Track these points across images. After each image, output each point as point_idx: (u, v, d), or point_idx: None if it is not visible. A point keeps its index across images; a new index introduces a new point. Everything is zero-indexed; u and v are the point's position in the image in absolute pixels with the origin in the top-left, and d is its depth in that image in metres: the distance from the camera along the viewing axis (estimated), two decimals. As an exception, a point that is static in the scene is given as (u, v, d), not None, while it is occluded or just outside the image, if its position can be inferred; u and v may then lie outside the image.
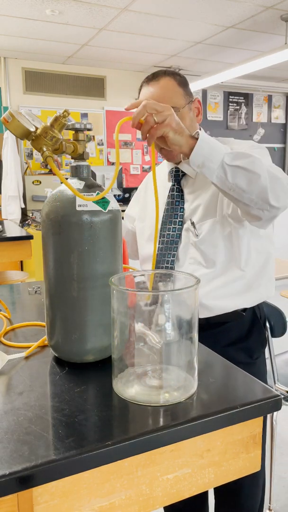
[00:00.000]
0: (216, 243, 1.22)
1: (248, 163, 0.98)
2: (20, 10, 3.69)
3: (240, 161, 0.98)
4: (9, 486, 0.58)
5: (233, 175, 0.99)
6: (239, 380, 0.84)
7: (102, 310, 0.89)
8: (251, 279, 1.24)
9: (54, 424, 0.69)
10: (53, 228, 0.87)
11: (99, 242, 0.87)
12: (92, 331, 0.88)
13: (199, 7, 3.64)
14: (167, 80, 1.21)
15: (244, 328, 1.28)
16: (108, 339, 0.90)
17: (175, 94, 1.21)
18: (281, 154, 7.19)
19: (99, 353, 0.90)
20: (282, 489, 1.92)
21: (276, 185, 1.00)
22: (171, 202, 1.31)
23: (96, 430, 0.67)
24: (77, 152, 0.94)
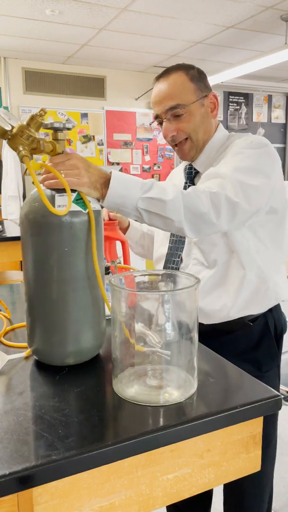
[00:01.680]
0: (216, 242, 1.19)
1: (161, 210, 0.96)
2: (20, 10, 3.69)
3: (154, 207, 0.96)
4: (9, 486, 0.58)
5: (149, 218, 0.98)
6: (239, 380, 0.84)
7: (84, 313, 0.88)
8: (255, 282, 1.19)
9: (54, 424, 0.69)
10: (32, 229, 0.85)
11: (80, 243, 0.86)
12: (73, 333, 0.87)
13: (199, 7, 3.63)
14: (177, 76, 1.19)
15: (253, 339, 1.23)
16: (90, 342, 0.89)
17: (184, 90, 1.18)
18: (281, 154, 7.19)
19: (80, 356, 0.89)
20: (282, 489, 1.92)
21: (197, 222, 1.00)
22: None
23: (96, 430, 0.67)
24: (56, 152, 0.91)
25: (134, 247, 1.52)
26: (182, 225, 0.99)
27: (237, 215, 1.03)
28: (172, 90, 1.18)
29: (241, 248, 1.18)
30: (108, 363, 0.92)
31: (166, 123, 1.20)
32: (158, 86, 1.21)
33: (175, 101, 1.18)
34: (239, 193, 1.03)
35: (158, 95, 1.20)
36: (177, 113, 1.18)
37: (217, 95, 1.24)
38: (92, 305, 0.90)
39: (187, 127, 1.20)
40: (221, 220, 1.01)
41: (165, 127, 1.21)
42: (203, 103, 1.22)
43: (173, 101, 1.18)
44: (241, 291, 1.19)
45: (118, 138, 5.94)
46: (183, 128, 1.20)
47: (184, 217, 0.98)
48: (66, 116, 5.55)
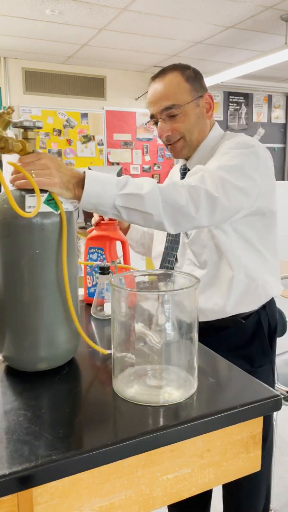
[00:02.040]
0: (205, 244, 1.20)
1: (139, 204, 0.95)
2: (20, 10, 3.69)
3: (131, 202, 0.95)
4: (9, 486, 0.58)
5: (127, 214, 0.97)
6: (239, 380, 0.84)
7: (56, 317, 0.86)
8: (244, 281, 1.20)
9: (54, 424, 0.69)
10: (2, 230, 0.83)
11: (51, 245, 0.83)
12: (45, 338, 0.85)
13: (199, 7, 3.63)
14: (173, 76, 1.20)
15: (245, 336, 1.25)
16: (63, 346, 0.87)
17: (180, 90, 1.19)
18: (281, 154, 7.19)
19: (53, 361, 0.87)
20: (282, 489, 1.92)
21: (176, 216, 0.99)
22: None
23: (96, 430, 0.67)
24: (26, 151, 0.89)
25: (135, 246, 1.53)
26: (161, 219, 0.98)
27: (217, 210, 1.02)
28: (168, 90, 1.19)
29: (227, 249, 1.18)
30: (103, 364, 0.92)
31: (161, 123, 1.21)
32: (154, 86, 1.22)
33: (170, 101, 1.18)
34: (219, 188, 1.02)
35: (153, 95, 1.21)
36: (172, 113, 1.19)
37: (213, 95, 1.25)
38: (65, 309, 0.87)
39: (182, 127, 1.21)
40: (200, 213, 1.00)
41: (160, 127, 1.22)
42: (198, 103, 1.23)
43: (168, 101, 1.19)
44: (231, 290, 1.20)
45: (118, 138, 5.93)
46: (177, 128, 1.21)
47: (163, 211, 0.97)
48: (66, 116, 5.55)
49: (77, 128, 5.65)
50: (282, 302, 2.05)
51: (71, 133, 5.60)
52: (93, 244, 1.31)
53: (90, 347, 1.01)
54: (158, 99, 1.20)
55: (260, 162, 1.14)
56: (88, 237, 1.31)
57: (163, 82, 1.20)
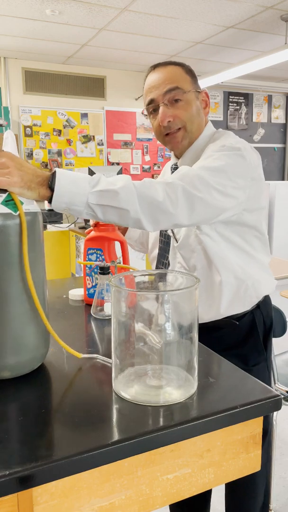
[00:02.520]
0: (194, 248, 1.19)
1: (113, 201, 0.92)
2: (20, 10, 3.69)
3: (105, 199, 0.92)
4: (9, 486, 0.58)
5: (103, 212, 0.93)
6: (239, 380, 0.84)
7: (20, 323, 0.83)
8: (234, 284, 1.19)
9: (55, 424, 0.69)
10: None
11: (13, 248, 0.80)
12: (8, 346, 0.82)
13: (199, 7, 3.63)
14: (175, 67, 1.20)
15: (239, 335, 1.24)
16: (27, 354, 0.84)
17: (182, 78, 1.18)
18: (281, 154, 7.19)
19: (16, 369, 0.84)
20: (282, 489, 1.92)
21: (154, 212, 0.96)
22: None
23: (96, 430, 0.67)
24: None
25: (135, 245, 1.53)
26: (138, 215, 0.94)
27: (196, 209, 0.99)
28: (171, 75, 1.18)
29: (214, 254, 1.17)
30: (100, 364, 0.92)
31: (163, 107, 1.17)
32: (154, 73, 1.20)
33: (174, 84, 1.16)
34: (199, 187, 1.00)
35: (155, 80, 1.18)
36: (175, 96, 1.16)
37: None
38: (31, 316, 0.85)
39: (184, 114, 1.18)
40: (179, 210, 0.97)
41: (162, 112, 1.16)
42: (198, 96, 1.22)
43: (172, 84, 1.16)
44: (222, 294, 1.19)
45: (118, 138, 5.94)
46: (179, 115, 1.18)
47: (139, 207, 0.94)
48: (66, 116, 5.55)
49: (77, 128, 5.65)
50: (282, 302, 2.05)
51: (71, 133, 5.61)
52: (92, 245, 1.31)
53: (90, 347, 1.01)
54: (161, 82, 1.17)
55: (246, 165, 1.11)
56: (87, 238, 1.31)
57: (166, 70, 1.19)
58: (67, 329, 1.12)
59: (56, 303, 1.32)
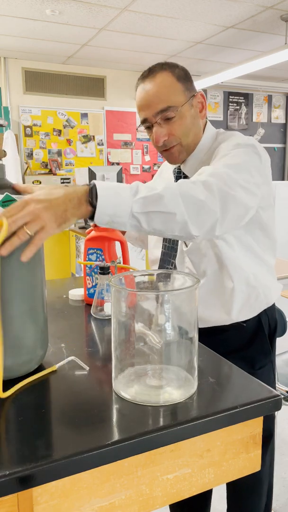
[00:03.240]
0: (205, 253, 1.16)
1: (159, 205, 0.87)
2: (20, 10, 3.69)
3: (150, 205, 0.86)
4: (9, 486, 0.58)
5: (147, 221, 0.87)
6: (239, 380, 0.84)
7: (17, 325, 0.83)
8: (245, 291, 1.18)
9: (55, 424, 0.69)
10: None
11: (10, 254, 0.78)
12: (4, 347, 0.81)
13: (199, 7, 3.63)
14: (164, 76, 1.12)
15: (245, 337, 1.22)
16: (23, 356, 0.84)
17: (173, 91, 1.12)
18: (281, 154, 7.19)
19: (12, 371, 0.83)
20: (282, 489, 1.92)
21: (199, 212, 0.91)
22: None
23: (96, 430, 0.67)
24: None
25: (134, 243, 1.52)
26: (185, 217, 0.89)
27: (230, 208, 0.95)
28: (161, 92, 1.11)
29: (228, 258, 1.15)
30: (98, 365, 0.92)
31: (157, 127, 1.13)
32: (143, 87, 1.13)
33: (166, 103, 1.11)
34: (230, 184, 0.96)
35: (145, 98, 1.12)
36: (168, 116, 1.12)
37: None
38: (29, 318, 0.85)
39: (178, 130, 1.14)
40: (218, 207, 0.92)
41: (156, 132, 1.13)
42: (192, 103, 1.16)
43: (163, 104, 1.11)
44: (233, 300, 1.17)
45: (118, 138, 5.94)
46: (174, 132, 1.14)
47: (185, 208, 0.89)
48: (66, 116, 5.55)
49: (77, 128, 5.65)
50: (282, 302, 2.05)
51: (71, 133, 5.61)
52: (92, 245, 1.31)
53: (90, 347, 1.01)
54: (151, 102, 1.12)
55: (262, 163, 1.09)
56: (87, 238, 1.31)
57: (155, 83, 1.11)
58: (67, 329, 1.12)
59: (56, 303, 1.32)
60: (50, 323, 1.00)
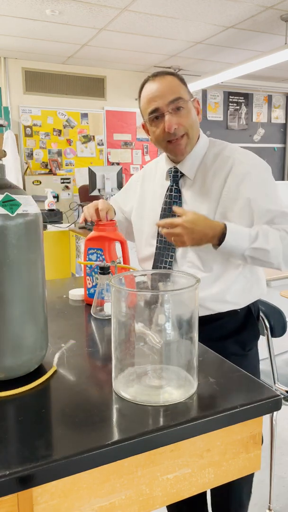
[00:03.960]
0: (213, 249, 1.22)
1: (264, 257, 1.15)
2: (20, 10, 3.69)
3: (258, 255, 1.15)
4: (9, 486, 0.58)
5: (252, 261, 1.17)
6: (239, 380, 0.84)
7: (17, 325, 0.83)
8: (244, 283, 1.30)
9: (55, 424, 0.69)
10: None
11: (10, 249, 0.79)
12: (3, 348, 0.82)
13: (199, 7, 3.64)
14: (171, 77, 1.27)
15: (238, 323, 1.33)
16: (23, 356, 0.84)
17: (181, 89, 1.26)
18: (281, 154, 7.19)
19: (11, 371, 0.83)
20: (282, 489, 1.92)
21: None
22: (169, 202, 1.33)
23: (96, 430, 0.67)
24: None
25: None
26: (280, 266, 1.18)
27: None
28: (172, 85, 1.25)
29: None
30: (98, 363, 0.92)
31: (169, 115, 1.23)
32: (154, 83, 1.26)
33: (177, 94, 1.24)
34: None
35: (158, 89, 1.24)
36: (178, 105, 1.23)
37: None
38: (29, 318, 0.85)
39: (186, 122, 1.25)
40: None
41: (169, 120, 1.23)
42: (193, 104, 1.30)
43: (175, 94, 1.23)
44: (236, 288, 1.28)
45: (118, 138, 5.94)
46: (183, 123, 1.25)
47: (283, 260, 1.17)
48: (66, 116, 5.55)
49: (77, 128, 5.66)
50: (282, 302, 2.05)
51: (71, 133, 5.61)
52: (92, 245, 1.31)
53: (90, 347, 1.01)
54: (165, 92, 1.23)
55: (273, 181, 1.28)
56: (87, 238, 1.31)
57: (166, 80, 1.25)
58: (67, 329, 1.12)
59: (56, 303, 1.32)
60: (50, 323, 1.00)
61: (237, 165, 1.23)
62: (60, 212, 4.07)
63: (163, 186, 1.37)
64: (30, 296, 0.85)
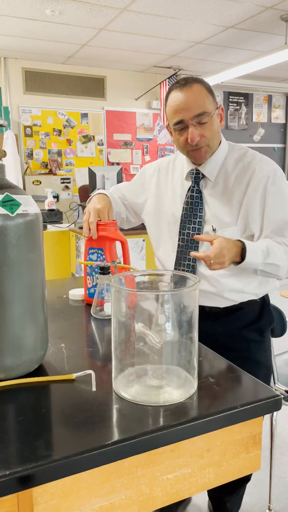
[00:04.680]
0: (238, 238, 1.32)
1: (274, 270, 1.25)
2: (20, 10, 3.69)
3: (269, 269, 1.24)
4: (9, 486, 0.58)
5: (261, 273, 1.25)
6: (239, 380, 0.84)
7: (17, 325, 0.83)
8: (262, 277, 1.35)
9: (55, 424, 0.69)
10: None
11: (10, 249, 0.79)
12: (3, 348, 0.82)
13: (199, 7, 3.63)
14: (199, 87, 1.29)
15: (256, 312, 1.41)
16: (23, 357, 0.84)
17: (207, 100, 1.29)
18: (281, 154, 7.19)
19: (11, 371, 0.83)
20: (282, 489, 1.92)
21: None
22: (190, 203, 1.37)
23: (96, 430, 0.67)
24: None
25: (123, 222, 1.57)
26: (282, 278, 1.30)
27: None
28: (198, 99, 1.28)
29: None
30: (98, 363, 0.92)
31: (192, 128, 1.29)
32: (181, 94, 1.29)
33: (202, 109, 1.27)
34: None
35: (184, 102, 1.28)
36: (202, 120, 1.28)
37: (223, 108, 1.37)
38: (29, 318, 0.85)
39: (209, 134, 1.31)
40: None
41: (192, 132, 1.29)
42: (217, 112, 1.34)
43: (200, 109, 1.27)
44: (252, 284, 1.35)
45: (118, 138, 5.94)
46: (205, 135, 1.30)
47: (287, 272, 1.28)
48: (66, 116, 5.55)
49: (77, 128, 5.65)
50: (282, 302, 2.05)
51: (71, 133, 5.60)
52: (93, 245, 1.31)
53: (90, 347, 1.01)
54: (190, 106, 1.27)
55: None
56: (88, 237, 1.31)
57: (192, 91, 1.28)
58: (67, 329, 1.12)
59: (56, 303, 1.32)
60: (50, 323, 1.00)
61: (258, 172, 1.31)
62: (60, 212, 4.07)
63: (183, 186, 1.41)
64: (30, 296, 0.85)
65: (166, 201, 1.44)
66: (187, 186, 1.39)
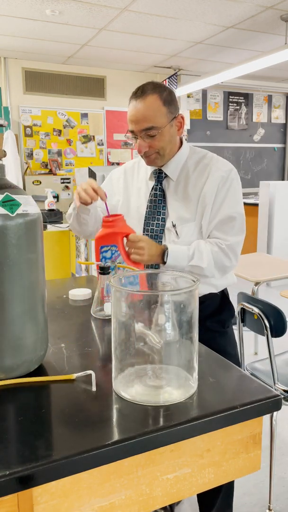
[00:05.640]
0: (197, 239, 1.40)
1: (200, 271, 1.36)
2: (20, 10, 3.69)
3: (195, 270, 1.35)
4: (9, 486, 0.58)
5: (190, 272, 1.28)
6: (239, 380, 0.84)
7: (17, 325, 0.83)
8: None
9: (55, 424, 0.69)
10: None
11: (10, 249, 0.79)
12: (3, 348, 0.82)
13: (199, 7, 3.63)
14: (153, 99, 1.32)
15: (217, 304, 1.51)
16: (23, 357, 0.84)
17: (158, 114, 1.32)
18: (281, 154, 7.19)
19: (10, 371, 0.83)
20: (282, 489, 1.92)
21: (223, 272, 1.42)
22: (154, 201, 1.45)
23: (96, 430, 0.67)
24: None
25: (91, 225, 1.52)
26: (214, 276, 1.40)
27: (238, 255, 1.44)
28: (148, 113, 1.32)
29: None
30: (98, 363, 0.92)
31: (140, 141, 1.36)
32: (134, 105, 1.34)
33: (150, 123, 1.32)
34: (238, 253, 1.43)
35: (135, 115, 1.33)
36: (151, 134, 1.33)
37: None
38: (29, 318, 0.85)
39: (158, 145, 1.36)
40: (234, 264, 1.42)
41: (139, 144, 1.36)
42: (172, 124, 1.37)
43: (148, 123, 1.32)
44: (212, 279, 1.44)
45: (118, 138, 5.94)
46: (154, 146, 1.37)
47: (216, 273, 1.39)
48: (66, 116, 5.55)
49: (77, 128, 5.65)
50: (282, 302, 2.05)
51: (71, 133, 5.60)
52: (104, 243, 1.29)
53: (90, 347, 1.01)
54: (139, 119, 1.32)
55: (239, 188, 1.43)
56: (97, 236, 1.30)
57: (144, 104, 1.32)
58: (67, 329, 1.12)
59: (56, 303, 1.32)
60: (50, 323, 1.00)
61: (214, 172, 1.39)
62: (60, 212, 4.07)
63: (147, 185, 1.49)
64: (30, 296, 0.85)
65: (133, 199, 1.52)
66: (151, 185, 1.47)
